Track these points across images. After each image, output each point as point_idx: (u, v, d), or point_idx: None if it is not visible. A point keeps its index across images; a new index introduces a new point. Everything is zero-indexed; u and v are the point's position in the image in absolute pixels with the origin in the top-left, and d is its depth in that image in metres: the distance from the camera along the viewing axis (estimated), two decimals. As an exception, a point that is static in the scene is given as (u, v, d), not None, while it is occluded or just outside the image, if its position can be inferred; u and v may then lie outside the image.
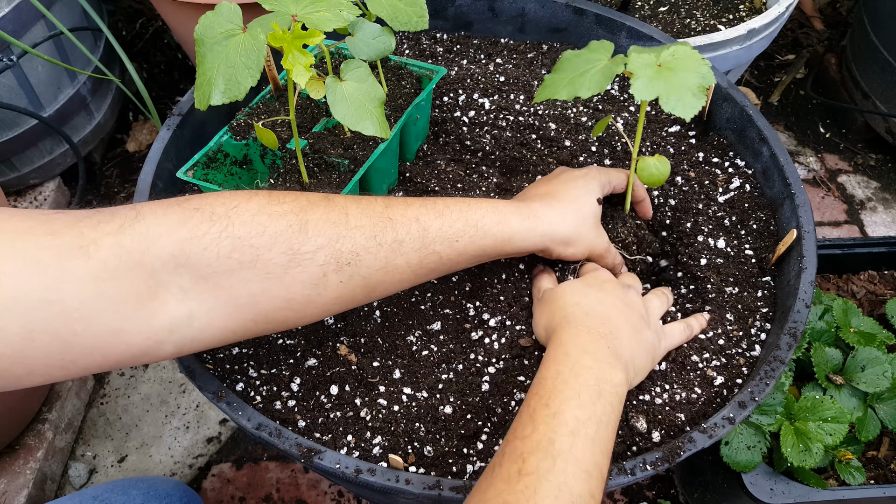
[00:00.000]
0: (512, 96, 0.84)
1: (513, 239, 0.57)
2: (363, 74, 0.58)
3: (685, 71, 0.57)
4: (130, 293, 0.41)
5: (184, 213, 0.44)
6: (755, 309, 0.67)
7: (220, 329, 0.46)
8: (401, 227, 0.51)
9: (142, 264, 0.42)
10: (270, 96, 0.73)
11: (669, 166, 0.64)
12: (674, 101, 0.57)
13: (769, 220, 0.73)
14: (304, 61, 0.50)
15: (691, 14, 1.26)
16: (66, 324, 0.39)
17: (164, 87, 1.64)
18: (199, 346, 0.47)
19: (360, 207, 0.50)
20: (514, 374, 0.62)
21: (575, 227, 0.61)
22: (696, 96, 0.57)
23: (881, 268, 1.05)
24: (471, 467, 0.57)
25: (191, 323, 0.45)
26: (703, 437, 0.54)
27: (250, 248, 0.45)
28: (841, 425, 0.76)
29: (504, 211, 0.57)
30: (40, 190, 1.36)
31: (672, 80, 0.57)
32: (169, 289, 0.43)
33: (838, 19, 1.80)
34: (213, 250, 0.44)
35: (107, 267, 0.40)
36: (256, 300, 0.46)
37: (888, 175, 1.57)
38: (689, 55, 0.58)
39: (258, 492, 1.10)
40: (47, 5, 1.13)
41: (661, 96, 0.57)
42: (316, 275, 0.47)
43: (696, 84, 0.57)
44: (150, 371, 1.23)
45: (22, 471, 1.01)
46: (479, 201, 0.57)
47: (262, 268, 0.45)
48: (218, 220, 0.44)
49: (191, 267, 0.43)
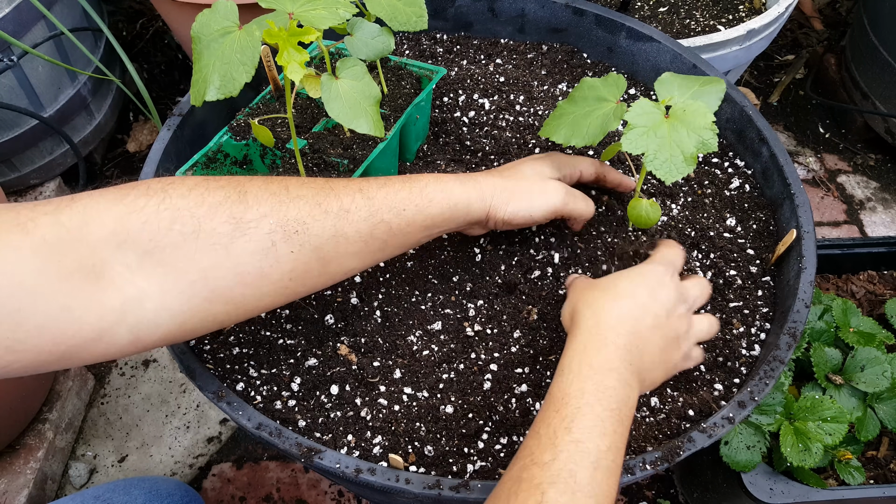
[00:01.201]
0: (512, 97, 0.84)
1: (458, 205, 0.56)
2: (359, 72, 0.57)
3: (687, 130, 0.55)
4: (74, 269, 0.41)
5: (119, 191, 0.44)
6: (755, 309, 0.67)
7: (175, 311, 0.45)
8: (345, 197, 0.51)
9: (82, 241, 0.41)
10: (271, 97, 0.73)
11: (660, 213, 0.64)
12: (659, 162, 0.55)
13: (769, 221, 0.74)
14: (299, 58, 0.51)
15: (691, 14, 1.26)
16: (8, 297, 0.38)
17: (164, 88, 1.64)
18: (157, 334, 0.45)
19: (299, 181, 0.50)
20: (516, 371, 0.62)
21: (514, 184, 0.60)
22: (687, 163, 0.55)
23: (881, 268, 1.05)
24: (471, 467, 0.57)
25: (143, 303, 0.44)
26: (702, 437, 0.55)
27: (191, 217, 0.44)
28: (840, 425, 0.76)
29: (445, 180, 0.57)
30: (41, 190, 1.36)
31: (668, 138, 0.55)
32: (114, 267, 0.42)
33: (838, 19, 1.80)
34: (154, 223, 0.43)
35: (46, 241, 0.40)
36: (206, 275, 0.45)
37: (888, 175, 1.57)
38: (700, 113, 0.56)
39: (258, 491, 1.10)
40: (47, 5, 1.13)
41: (647, 154, 0.55)
42: (264, 244, 0.46)
43: (692, 149, 0.55)
44: (150, 371, 1.23)
45: (22, 470, 1.01)
46: (420, 175, 0.57)
47: (207, 238, 0.45)
48: (154, 194, 0.44)
49: (133, 243, 0.43)
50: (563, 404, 0.48)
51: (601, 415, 0.47)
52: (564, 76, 0.89)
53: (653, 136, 0.56)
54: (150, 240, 0.43)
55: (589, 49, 0.91)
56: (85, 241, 0.41)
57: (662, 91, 0.60)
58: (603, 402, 0.48)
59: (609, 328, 0.53)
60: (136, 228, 0.43)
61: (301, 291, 0.51)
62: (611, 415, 0.47)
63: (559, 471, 0.43)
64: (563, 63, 0.90)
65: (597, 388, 0.48)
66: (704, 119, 0.56)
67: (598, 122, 0.60)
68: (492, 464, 0.57)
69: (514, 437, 0.59)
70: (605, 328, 0.53)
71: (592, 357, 0.51)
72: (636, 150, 0.56)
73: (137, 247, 0.43)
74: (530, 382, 0.62)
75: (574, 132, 0.62)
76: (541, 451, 0.45)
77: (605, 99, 0.61)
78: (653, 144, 0.56)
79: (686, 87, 0.60)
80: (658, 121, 0.56)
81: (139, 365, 1.24)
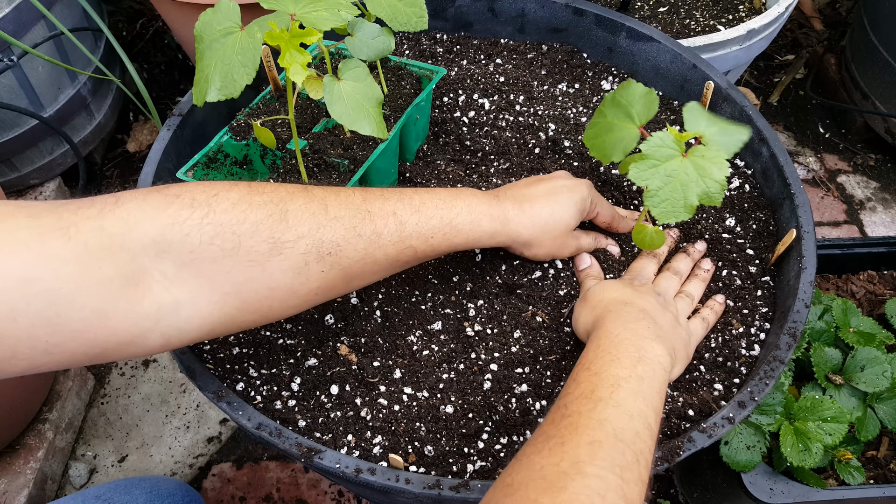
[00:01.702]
0: (512, 97, 0.84)
1: (481, 239, 0.60)
2: (361, 74, 0.58)
3: (698, 176, 0.55)
4: (114, 275, 0.41)
5: (164, 198, 0.44)
6: (754, 309, 0.67)
7: (206, 318, 0.46)
8: (379, 220, 0.52)
9: (123, 247, 0.42)
10: (271, 97, 0.73)
11: (664, 239, 0.64)
12: (658, 201, 0.55)
13: (769, 221, 0.74)
14: (301, 60, 0.51)
15: (691, 14, 1.26)
16: (48, 303, 0.39)
17: (164, 88, 1.64)
18: (186, 339, 0.47)
19: (338, 199, 0.51)
20: (516, 372, 0.62)
21: (539, 235, 0.63)
22: (686, 210, 0.55)
23: (881, 268, 1.05)
24: (471, 467, 0.57)
25: (177, 311, 0.45)
26: (702, 437, 0.55)
27: (232, 235, 0.45)
28: (840, 425, 0.76)
29: (478, 211, 0.59)
30: (41, 190, 1.36)
31: (676, 179, 0.55)
32: (152, 275, 0.43)
33: (838, 19, 1.80)
34: (196, 236, 0.44)
35: (88, 248, 0.40)
36: (240, 288, 0.46)
37: (888, 175, 1.57)
38: (717, 163, 0.55)
39: (258, 491, 1.10)
40: (47, 5, 1.13)
41: (649, 189, 0.55)
42: (298, 263, 0.48)
43: (695, 199, 0.55)
44: (150, 371, 1.23)
45: (22, 470, 1.01)
46: (454, 197, 0.58)
47: (245, 255, 0.45)
48: (199, 206, 0.44)
49: (173, 253, 0.43)
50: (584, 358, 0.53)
51: (616, 355, 0.52)
52: (564, 76, 0.89)
53: (661, 173, 0.55)
54: (190, 252, 0.44)
55: (589, 49, 0.91)
56: (126, 248, 0.42)
57: (691, 120, 0.57)
58: (620, 347, 0.53)
59: (619, 310, 0.58)
60: (178, 240, 0.43)
61: (321, 301, 0.53)
62: (628, 356, 0.52)
63: (581, 392, 0.49)
64: (563, 63, 0.90)
65: (612, 341, 0.54)
66: (719, 171, 0.55)
67: (620, 144, 0.59)
68: (492, 464, 0.57)
69: (514, 437, 0.59)
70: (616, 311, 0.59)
71: (609, 326, 0.56)
72: (641, 182, 0.55)
73: (177, 258, 0.43)
74: (530, 382, 0.62)
75: (594, 145, 0.61)
76: (565, 389, 0.51)
77: (632, 119, 0.59)
78: (658, 181, 0.55)
79: (713, 121, 0.57)
80: (673, 157, 0.55)
81: (139, 365, 1.24)
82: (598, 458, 0.43)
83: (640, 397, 0.48)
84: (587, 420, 0.46)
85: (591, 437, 0.44)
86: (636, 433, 0.46)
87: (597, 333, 0.56)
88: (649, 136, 0.56)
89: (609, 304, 0.60)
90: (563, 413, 0.47)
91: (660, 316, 0.60)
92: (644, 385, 0.50)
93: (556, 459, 0.43)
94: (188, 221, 0.44)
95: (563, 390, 0.51)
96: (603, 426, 0.45)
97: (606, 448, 0.44)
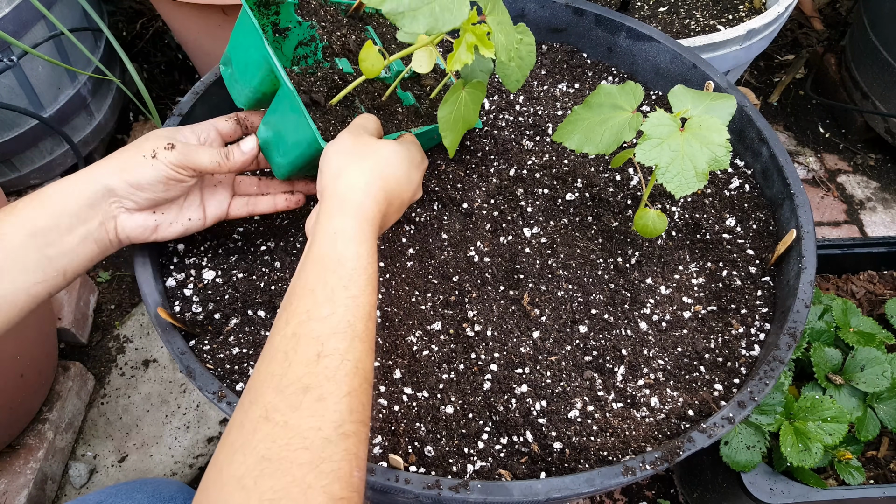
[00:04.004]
0: (511, 97, 0.84)
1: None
2: (477, 95, 0.61)
3: (701, 144, 0.55)
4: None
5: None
6: (754, 309, 0.67)
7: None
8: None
9: None
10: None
11: (666, 223, 0.64)
12: (671, 175, 0.55)
13: (769, 221, 0.74)
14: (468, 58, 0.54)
15: (691, 14, 1.26)
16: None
17: (164, 88, 1.64)
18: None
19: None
20: (516, 372, 0.62)
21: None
22: (698, 178, 0.55)
23: (881, 268, 1.05)
24: (471, 467, 0.57)
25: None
26: (702, 437, 0.55)
27: None
28: (840, 425, 0.76)
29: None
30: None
31: (681, 152, 0.55)
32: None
33: (838, 19, 1.80)
34: None
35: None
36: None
37: (888, 175, 1.57)
38: (715, 129, 0.56)
39: (258, 492, 1.10)
40: (47, 6, 1.13)
41: (659, 166, 0.55)
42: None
43: (704, 165, 0.55)
44: (150, 371, 1.23)
45: (22, 471, 1.01)
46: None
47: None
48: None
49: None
50: (339, 265, 0.52)
51: (372, 275, 0.53)
52: (564, 76, 0.89)
53: (666, 149, 0.55)
54: None
55: (589, 49, 0.91)
56: None
57: (677, 103, 0.59)
58: (373, 263, 0.53)
59: (370, 198, 0.57)
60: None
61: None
62: (375, 274, 0.53)
63: (338, 322, 0.48)
64: (563, 63, 0.90)
65: (369, 251, 0.53)
66: (719, 135, 0.55)
67: (612, 131, 0.60)
68: (492, 464, 0.57)
69: (514, 437, 0.59)
70: (368, 200, 0.57)
71: (364, 226, 0.55)
72: (649, 161, 0.55)
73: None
74: (530, 382, 0.62)
75: (588, 139, 0.61)
76: (318, 307, 0.49)
77: (621, 108, 0.60)
78: (665, 157, 0.55)
79: (699, 100, 0.59)
80: (673, 133, 0.56)
81: (139, 365, 1.24)
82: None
83: (374, 322, 0.52)
84: (347, 365, 0.48)
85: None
86: (372, 369, 0.50)
87: (341, 223, 0.56)
88: (645, 118, 0.57)
89: (337, 180, 0.58)
90: (319, 352, 0.48)
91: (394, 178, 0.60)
92: (374, 309, 0.54)
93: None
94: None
95: (315, 307, 0.50)
96: (357, 371, 0.48)
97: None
